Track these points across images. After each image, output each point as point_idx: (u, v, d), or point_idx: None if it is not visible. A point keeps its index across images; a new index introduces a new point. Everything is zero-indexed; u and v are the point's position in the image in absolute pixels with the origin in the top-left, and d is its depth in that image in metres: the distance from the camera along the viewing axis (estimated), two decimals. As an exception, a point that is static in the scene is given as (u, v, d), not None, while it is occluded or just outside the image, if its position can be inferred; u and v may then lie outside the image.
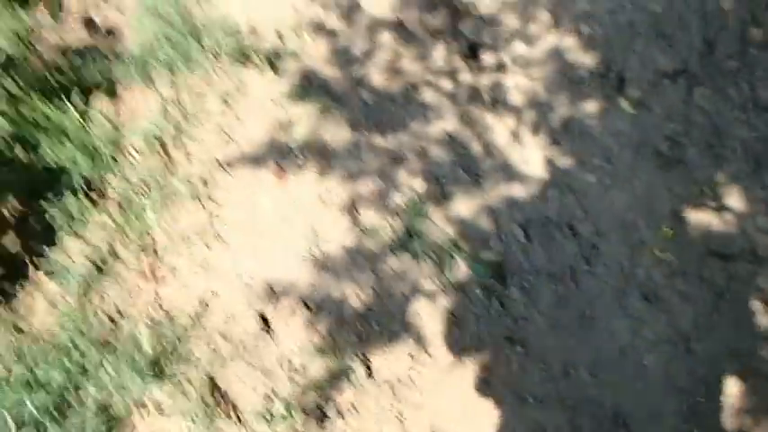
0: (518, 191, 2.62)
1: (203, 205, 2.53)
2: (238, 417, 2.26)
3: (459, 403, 2.32)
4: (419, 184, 2.63)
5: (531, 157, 2.68)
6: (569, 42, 2.83)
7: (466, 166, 2.67)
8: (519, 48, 2.83)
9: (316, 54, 2.86)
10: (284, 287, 2.46)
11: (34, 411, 2.08)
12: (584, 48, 2.82)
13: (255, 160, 2.66)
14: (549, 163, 2.66)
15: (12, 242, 2.38)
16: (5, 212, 2.46)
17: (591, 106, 2.73)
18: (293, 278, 2.47)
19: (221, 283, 2.45)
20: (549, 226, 2.57)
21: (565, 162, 2.65)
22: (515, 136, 2.71)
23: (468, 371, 2.36)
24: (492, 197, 2.62)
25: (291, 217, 2.55)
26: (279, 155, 2.65)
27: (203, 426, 2.21)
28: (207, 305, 2.41)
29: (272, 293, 2.45)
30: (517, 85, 2.76)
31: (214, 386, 2.29)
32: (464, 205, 2.61)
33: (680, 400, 2.28)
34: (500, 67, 2.81)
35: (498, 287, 2.49)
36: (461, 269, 2.50)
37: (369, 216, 2.57)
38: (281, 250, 2.50)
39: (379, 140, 2.71)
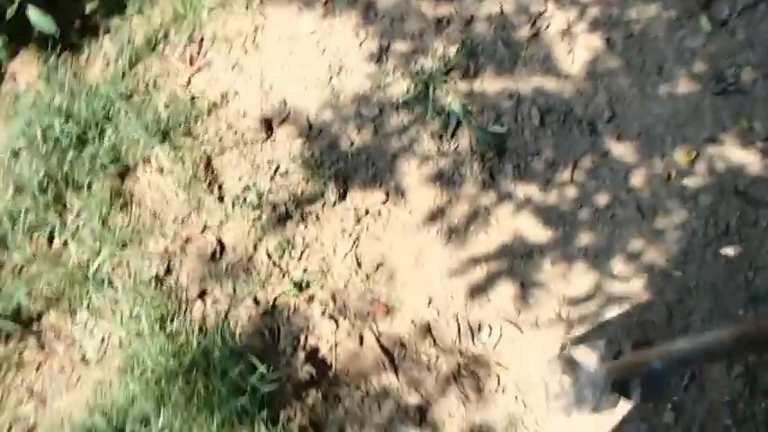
0: (551, 81, 2.57)
1: (252, 15, 2.78)
2: (220, 196, 2.52)
3: (416, 249, 2.39)
4: (454, 53, 2.66)
5: (579, 54, 2.59)
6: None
7: (507, 46, 2.65)
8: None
9: None
10: (296, 103, 2.65)
11: (60, 135, 2.48)
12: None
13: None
14: (595, 60, 2.56)
15: (91, 4, 2.79)
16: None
17: (665, 15, 2.57)
18: (307, 97, 2.65)
19: (245, 85, 2.69)
20: (570, 118, 2.50)
21: (612, 62, 2.54)
22: (570, 29, 2.64)
23: (437, 226, 2.42)
24: (522, 81, 2.59)
25: (325, 45, 2.72)
26: (333, -8, 2.81)
27: (190, 192, 2.49)
28: (227, 100, 2.67)
29: (284, 106, 2.65)
30: (588, -23, 2.67)
31: (208, 165, 2.56)
32: (491, 82, 2.61)
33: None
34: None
35: (494, 160, 2.49)
36: (464, 136, 2.53)
37: (395, 67, 2.66)
38: (305, 71, 2.69)
39: (429, 2, 2.77)
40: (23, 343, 2.31)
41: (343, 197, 2.48)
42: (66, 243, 2.45)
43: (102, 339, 2.30)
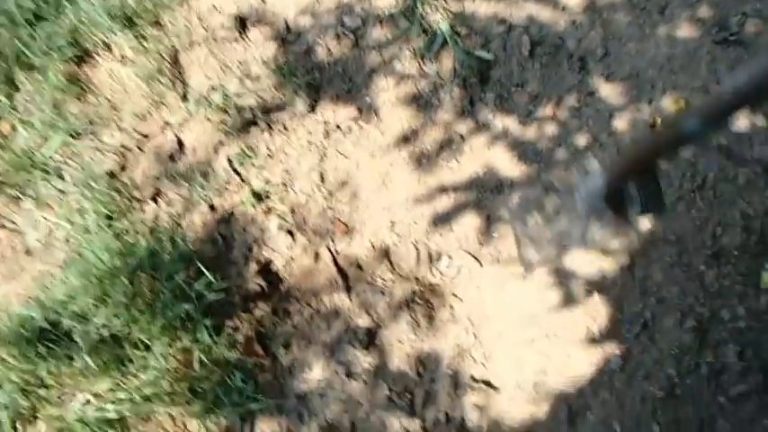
0: (546, 10, 2.42)
1: None
2: (184, 93, 2.38)
3: (383, 170, 2.30)
4: (448, -31, 2.49)
5: (579, -15, 2.44)
6: None
7: (506, -33, 2.49)
8: None
9: None
10: (275, 3, 2.48)
11: (13, 8, 2.30)
12: None
13: None
14: (592, 5, 2.42)
15: None
16: None
17: (672, -46, 2.42)
18: (287, 1, 2.48)
19: (220, -23, 2.52)
20: (560, 52, 2.37)
21: (610, -4, 2.40)
22: (573, -45, 2.47)
23: (408, 149, 2.32)
24: (516, 6, 2.44)
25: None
26: None
27: (153, 87, 2.34)
28: (201, -8, 2.50)
29: (263, 5, 2.48)
30: None
31: (175, 59, 2.40)
32: (483, 4, 2.46)
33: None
34: None
35: (476, 87, 2.37)
36: (448, 58, 2.39)
37: (384, -25, 2.50)
38: (286, -31, 2.51)
39: None
40: (-36, 226, 2.21)
41: (313, 109, 2.36)
42: (14, 127, 2.31)
43: (49, 231, 2.20)
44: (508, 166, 2.26)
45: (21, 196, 2.24)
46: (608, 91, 2.31)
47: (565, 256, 2.15)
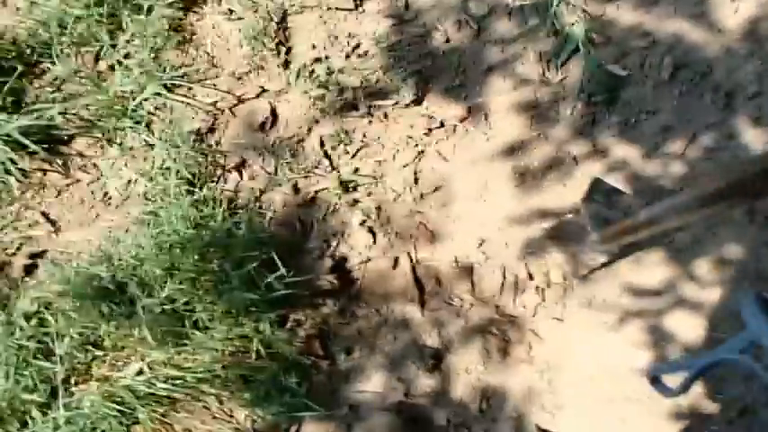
0: (698, 31, 2.12)
1: None
2: (286, 61, 2.22)
3: (483, 181, 2.11)
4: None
5: (745, 7, 2.11)
6: None
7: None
8: None
9: None
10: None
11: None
12: None
13: None
14: (762, 19, 2.10)
15: None
16: None
17: None
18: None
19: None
20: (706, 81, 2.09)
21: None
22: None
23: (513, 162, 2.12)
24: (664, 21, 2.15)
25: None
26: None
27: (256, 48, 2.20)
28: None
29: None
30: None
31: (282, 21, 2.24)
32: (628, 12, 2.18)
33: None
34: None
35: (602, 106, 2.12)
36: (576, 67, 2.15)
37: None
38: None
39: None
40: (48, 164, 2.16)
41: (419, 101, 2.17)
42: (112, 67, 2.21)
43: (128, 183, 2.13)
44: (621, 201, 2.03)
45: (107, 142, 2.16)
46: (752, 136, 2.03)
47: (667, 314, 1.95)
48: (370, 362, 1.99)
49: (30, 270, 2.09)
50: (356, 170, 2.12)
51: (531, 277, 2.03)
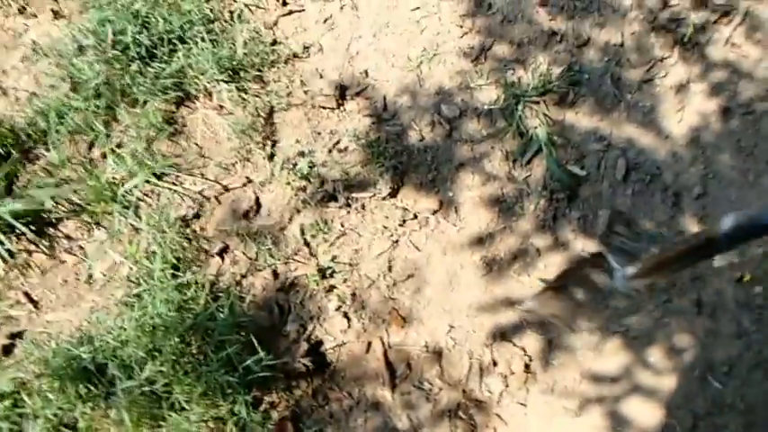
0: (649, 136, 2.34)
1: (358, -28, 2.60)
2: (271, 153, 2.38)
3: (453, 270, 2.23)
4: (556, 74, 2.43)
5: (688, 117, 2.34)
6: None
7: (615, 84, 2.42)
8: None
9: None
10: (377, 78, 2.49)
11: (130, 43, 2.36)
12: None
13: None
14: (704, 127, 2.32)
15: None
16: None
17: (791, 104, 2.32)
18: (390, 75, 2.48)
19: (330, 44, 2.55)
20: (656, 182, 2.28)
21: (721, 136, 2.30)
22: (688, 85, 2.39)
23: (481, 253, 2.25)
24: (618, 126, 2.37)
25: (425, 26, 2.55)
26: None
27: (243, 141, 2.36)
28: (308, 54, 2.53)
29: (365, 78, 2.49)
30: None
31: (269, 117, 2.41)
32: (585, 117, 2.40)
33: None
34: None
35: (563, 202, 2.29)
36: (539, 166, 2.33)
37: (490, 71, 2.46)
38: (396, 47, 2.53)
39: (548, 11, 2.54)
40: (34, 245, 2.24)
41: (394, 193, 2.32)
42: (104, 156, 2.34)
43: (113, 265, 2.21)
44: (582, 292, 2.17)
45: (95, 226, 2.26)
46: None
47: (625, 400, 2.05)
48: (342, 446, 2.04)
49: (8, 350, 2.13)
50: (334, 258, 2.23)
51: (494, 363, 2.13)
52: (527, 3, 2.59)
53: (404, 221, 2.30)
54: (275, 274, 2.21)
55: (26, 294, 2.19)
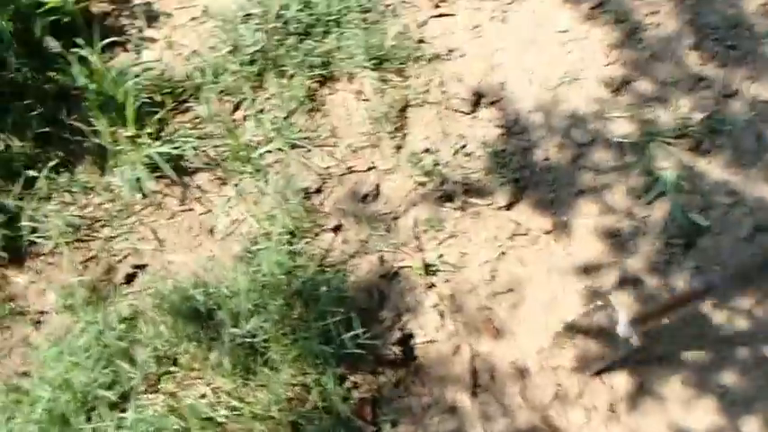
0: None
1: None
2: (399, 145, 2.45)
3: (554, 293, 2.23)
4: (697, 120, 2.39)
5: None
6: None
7: (758, 140, 2.35)
8: None
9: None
10: (514, 92, 2.52)
11: (290, 19, 2.51)
12: None
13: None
14: None
15: None
16: None
17: None
18: (527, 92, 2.52)
19: (475, 51, 2.60)
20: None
21: None
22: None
23: (587, 282, 2.24)
24: (751, 183, 2.30)
25: (570, 49, 2.58)
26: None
27: (375, 128, 2.46)
28: (451, 58, 2.58)
29: (502, 90, 2.53)
30: None
31: (403, 110, 2.49)
32: (718, 169, 2.34)
33: None
34: None
35: (678, 249, 2.25)
36: (660, 209, 2.29)
37: (628, 104, 2.45)
38: (538, 65, 2.56)
39: (700, 56, 2.49)
40: (170, 189, 2.41)
41: (511, 206, 2.35)
42: (246, 118, 2.49)
43: (235, 221, 2.35)
44: (683, 344, 2.12)
45: (226, 182, 2.41)
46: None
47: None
48: (413, 440, 2.08)
49: (130, 279, 2.31)
50: (440, 256, 2.28)
51: (580, 395, 2.11)
52: (679, 44, 2.55)
53: (514, 235, 2.31)
54: (381, 260, 2.29)
55: (154, 232, 2.36)
